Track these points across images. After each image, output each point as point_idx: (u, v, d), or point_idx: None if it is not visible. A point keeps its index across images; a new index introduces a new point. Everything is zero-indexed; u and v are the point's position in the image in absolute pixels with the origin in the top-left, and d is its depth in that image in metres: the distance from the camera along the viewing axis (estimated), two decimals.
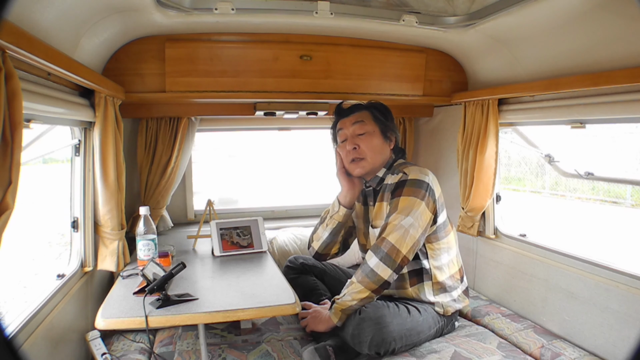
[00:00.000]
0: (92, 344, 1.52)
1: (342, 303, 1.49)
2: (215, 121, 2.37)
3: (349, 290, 1.50)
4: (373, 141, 1.66)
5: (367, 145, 1.65)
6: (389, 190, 1.62)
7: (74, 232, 1.60)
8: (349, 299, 1.49)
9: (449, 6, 1.64)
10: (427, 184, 1.55)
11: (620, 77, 1.28)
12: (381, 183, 1.68)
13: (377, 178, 1.69)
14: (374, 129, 1.67)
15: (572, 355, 1.50)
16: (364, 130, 1.66)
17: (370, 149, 1.65)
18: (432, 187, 1.56)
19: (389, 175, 1.66)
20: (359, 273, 1.49)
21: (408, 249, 1.47)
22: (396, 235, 1.47)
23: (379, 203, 1.67)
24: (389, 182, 1.64)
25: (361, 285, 1.47)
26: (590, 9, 1.29)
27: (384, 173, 1.68)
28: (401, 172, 1.61)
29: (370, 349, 1.44)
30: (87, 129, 1.58)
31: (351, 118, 1.69)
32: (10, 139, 0.84)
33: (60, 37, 1.17)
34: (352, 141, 1.67)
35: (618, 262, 1.52)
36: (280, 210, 2.67)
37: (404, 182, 1.56)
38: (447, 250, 1.66)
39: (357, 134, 1.67)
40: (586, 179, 1.78)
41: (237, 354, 1.56)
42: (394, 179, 1.62)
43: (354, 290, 1.48)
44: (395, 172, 1.64)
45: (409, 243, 1.47)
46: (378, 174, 1.69)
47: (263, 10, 1.59)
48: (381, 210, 1.66)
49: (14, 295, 3.39)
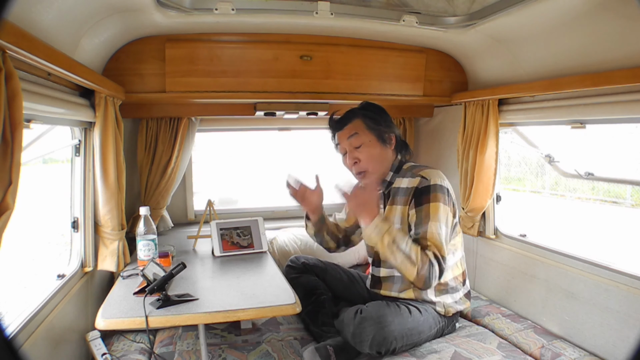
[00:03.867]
0: (92, 344, 1.52)
1: (389, 245, 1.43)
2: (215, 121, 2.37)
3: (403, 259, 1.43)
4: (371, 151, 1.64)
5: (367, 157, 1.63)
6: (403, 194, 1.61)
7: (74, 232, 1.60)
8: (393, 256, 1.44)
9: (449, 6, 1.64)
10: (447, 188, 1.58)
11: (620, 77, 1.28)
12: (389, 186, 1.68)
13: (385, 182, 1.69)
14: (370, 138, 1.64)
15: (572, 356, 1.50)
16: (360, 142, 1.63)
17: (370, 160, 1.64)
18: (450, 190, 1.59)
19: (399, 179, 1.65)
20: (426, 268, 1.44)
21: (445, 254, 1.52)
22: (440, 245, 1.49)
23: (390, 207, 1.65)
24: (402, 185, 1.63)
25: (414, 275, 1.44)
26: (590, 9, 1.28)
27: (391, 177, 1.68)
28: (418, 176, 1.59)
29: (371, 348, 1.44)
30: (87, 129, 1.58)
31: (345, 132, 1.66)
32: (10, 139, 0.84)
33: (60, 37, 1.17)
34: (352, 156, 1.65)
35: (618, 262, 1.52)
36: (281, 210, 2.67)
37: (428, 188, 1.55)
38: (454, 252, 1.66)
39: (355, 147, 1.65)
40: (586, 179, 1.78)
41: (237, 354, 1.56)
42: (409, 182, 1.60)
43: (407, 267, 1.44)
44: (407, 176, 1.63)
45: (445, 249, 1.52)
46: (386, 178, 1.69)
47: (263, 10, 1.59)
48: (392, 214, 1.64)
49: (14, 295, 3.38)
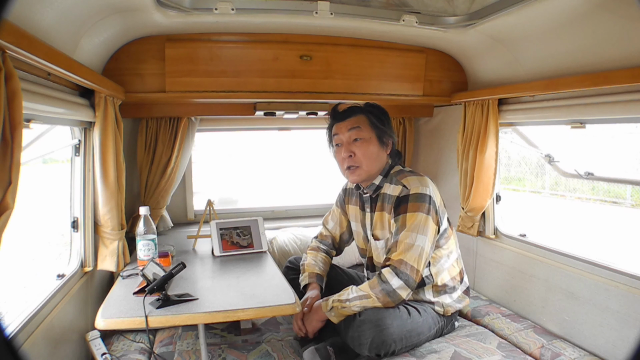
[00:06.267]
0: (92, 344, 1.52)
1: (348, 307, 1.49)
2: (215, 121, 2.37)
3: (361, 301, 1.48)
4: (369, 148, 1.62)
5: (363, 152, 1.61)
6: (389, 202, 1.60)
7: (74, 232, 1.60)
8: (357, 307, 1.49)
9: (449, 6, 1.64)
10: (429, 196, 1.54)
11: (620, 77, 1.28)
12: (378, 190, 1.66)
13: (373, 185, 1.66)
14: (371, 135, 1.62)
15: (572, 355, 1.50)
16: (360, 136, 1.62)
17: (366, 156, 1.61)
18: (433, 198, 1.56)
19: (387, 184, 1.64)
20: (378, 290, 1.48)
21: (422, 266, 1.52)
22: (412, 255, 1.49)
23: (379, 213, 1.65)
24: (388, 192, 1.62)
25: (378, 301, 1.48)
26: (590, 9, 1.29)
27: (380, 180, 1.65)
28: (400, 185, 1.58)
29: (371, 351, 1.43)
30: (87, 129, 1.58)
31: (347, 123, 1.64)
32: (10, 139, 0.84)
33: (60, 37, 1.17)
34: (348, 148, 1.63)
35: (618, 262, 1.52)
36: (280, 210, 2.67)
37: (406, 198, 1.55)
38: (448, 255, 1.65)
39: (353, 140, 1.62)
40: (586, 179, 1.78)
41: (237, 354, 1.56)
42: (393, 190, 1.60)
43: (368, 303, 1.48)
44: (393, 182, 1.62)
45: (422, 260, 1.51)
46: (374, 181, 1.66)
47: (263, 10, 1.59)
48: (381, 221, 1.64)
49: (14, 295, 3.38)
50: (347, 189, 1.87)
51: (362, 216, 1.75)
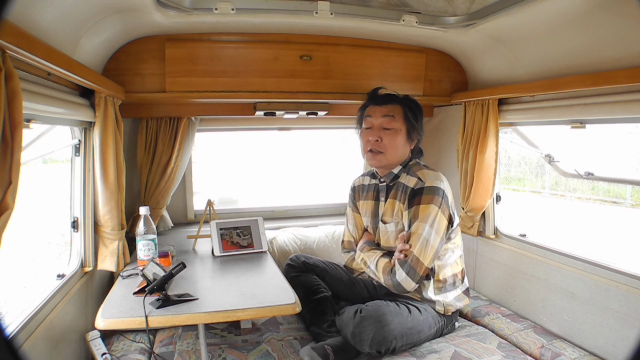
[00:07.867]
0: (92, 344, 1.52)
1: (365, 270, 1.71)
2: (215, 121, 2.37)
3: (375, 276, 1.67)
4: (397, 139, 1.66)
5: (390, 141, 1.65)
6: (404, 192, 1.63)
7: (74, 232, 1.60)
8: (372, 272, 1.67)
9: (449, 6, 1.64)
10: (443, 190, 1.58)
11: (620, 77, 1.28)
12: (395, 179, 1.69)
13: (391, 174, 1.70)
14: (402, 127, 1.67)
15: (572, 355, 1.50)
16: (392, 126, 1.66)
17: (392, 145, 1.65)
18: (446, 193, 1.59)
19: (404, 175, 1.67)
20: (387, 277, 1.59)
21: (429, 260, 1.55)
22: (419, 247, 1.53)
23: (391, 200, 1.68)
24: (404, 182, 1.65)
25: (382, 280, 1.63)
26: (590, 9, 1.28)
27: (399, 170, 1.70)
28: (416, 177, 1.62)
29: (371, 347, 1.45)
30: (87, 129, 1.58)
31: (383, 109, 1.68)
32: (10, 139, 0.84)
33: (60, 37, 1.17)
34: (377, 133, 1.66)
35: (618, 262, 1.52)
36: (280, 210, 2.67)
37: (421, 190, 1.58)
38: (453, 250, 1.68)
39: (384, 127, 1.66)
40: (586, 179, 1.78)
41: (237, 354, 1.56)
42: (409, 181, 1.63)
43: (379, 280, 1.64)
44: (410, 174, 1.65)
45: (430, 254, 1.54)
46: (393, 170, 1.70)
47: (263, 10, 1.59)
48: (392, 208, 1.67)
49: (14, 295, 3.38)
50: (355, 187, 1.89)
51: (375, 206, 1.77)
